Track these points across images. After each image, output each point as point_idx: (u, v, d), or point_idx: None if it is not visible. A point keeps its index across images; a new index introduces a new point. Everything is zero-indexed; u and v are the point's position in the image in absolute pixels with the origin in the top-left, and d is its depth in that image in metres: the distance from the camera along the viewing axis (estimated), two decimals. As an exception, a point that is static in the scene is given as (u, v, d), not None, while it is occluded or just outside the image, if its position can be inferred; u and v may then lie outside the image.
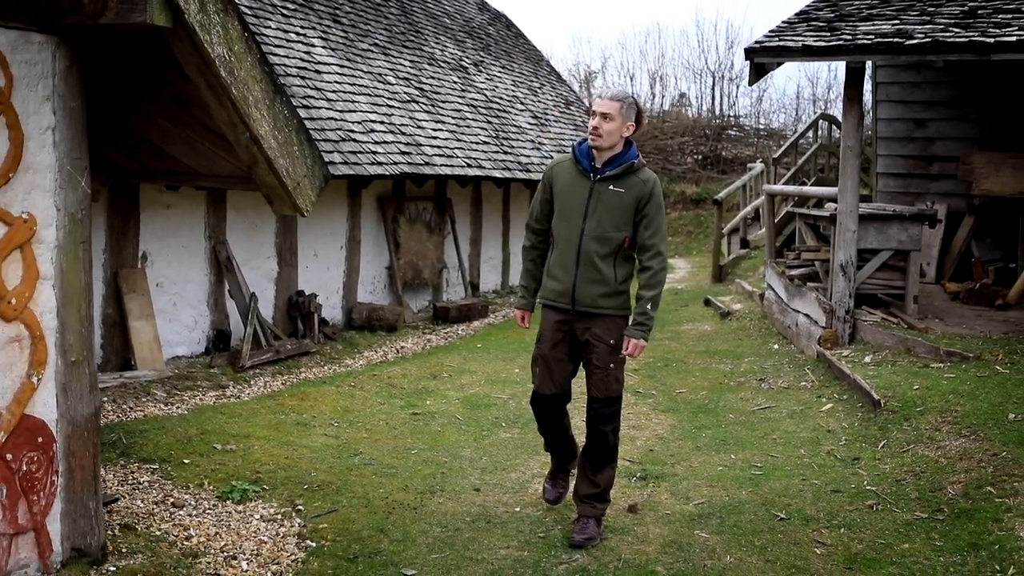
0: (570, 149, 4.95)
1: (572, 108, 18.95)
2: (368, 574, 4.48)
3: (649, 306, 4.78)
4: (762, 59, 8.52)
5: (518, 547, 4.76)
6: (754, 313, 11.92)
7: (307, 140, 4.59)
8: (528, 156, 14.56)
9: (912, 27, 8.39)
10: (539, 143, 15.47)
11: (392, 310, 11.31)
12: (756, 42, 8.58)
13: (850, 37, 8.32)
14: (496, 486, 5.74)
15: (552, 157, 15.22)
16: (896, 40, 8.08)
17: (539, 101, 17.52)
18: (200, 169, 4.93)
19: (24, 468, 4.04)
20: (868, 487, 5.65)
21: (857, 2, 9.49)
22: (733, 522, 5.17)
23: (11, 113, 3.89)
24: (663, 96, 30.15)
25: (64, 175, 4.14)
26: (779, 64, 8.75)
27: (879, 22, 8.71)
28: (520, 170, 13.83)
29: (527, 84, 17.80)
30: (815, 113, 26.64)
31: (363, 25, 13.38)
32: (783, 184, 15.48)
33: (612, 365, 4.85)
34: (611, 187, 4.77)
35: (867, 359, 8.29)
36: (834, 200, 9.67)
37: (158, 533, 4.86)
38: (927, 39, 8.00)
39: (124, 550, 4.56)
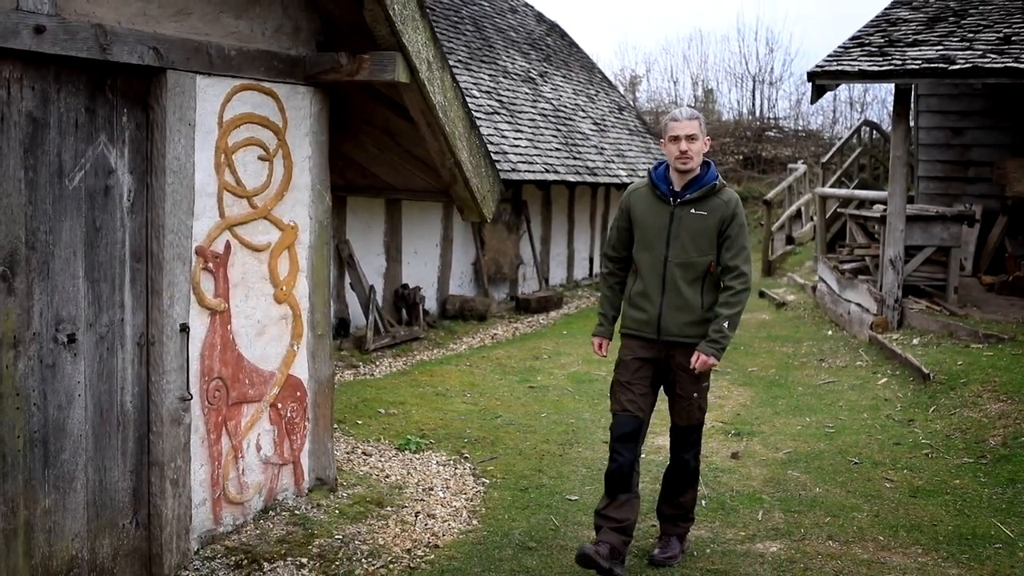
0: (645, 173, 4.86)
1: (625, 113, 20.23)
2: (540, 500, 5.79)
3: (726, 324, 4.59)
4: (823, 81, 9.75)
5: (651, 481, 6.02)
6: (807, 303, 13.19)
7: (490, 163, 5.90)
8: (593, 160, 15.85)
9: (954, 52, 9.59)
10: (601, 148, 16.76)
11: (482, 301, 12.65)
12: (817, 66, 9.80)
13: (900, 63, 9.53)
14: (619, 440, 7.03)
15: (613, 162, 16.52)
16: (941, 65, 9.29)
17: (596, 108, 18.80)
18: (398, 185, 6.27)
19: (288, 415, 5.37)
20: (923, 441, 6.92)
21: (904, 28, 10.68)
22: (816, 465, 6.46)
23: (286, 146, 5.23)
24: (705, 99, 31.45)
25: (315, 192, 5.47)
26: (837, 85, 9.99)
27: (925, 48, 9.90)
28: (588, 174, 15.12)
29: (585, 92, 19.08)
30: (851, 114, 27.86)
31: (447, 43, 14.68)
32: (831, 186, 16.69)
33: (696, 394, 4.76)
34: (692, 211, 4.64)
35: (915, 341, 9.53)
36: (883, 202, 10.90)
37: (361, 473, 6.17)
38: (968, 64, 9.21)
39: (344, 483, 5.87)
